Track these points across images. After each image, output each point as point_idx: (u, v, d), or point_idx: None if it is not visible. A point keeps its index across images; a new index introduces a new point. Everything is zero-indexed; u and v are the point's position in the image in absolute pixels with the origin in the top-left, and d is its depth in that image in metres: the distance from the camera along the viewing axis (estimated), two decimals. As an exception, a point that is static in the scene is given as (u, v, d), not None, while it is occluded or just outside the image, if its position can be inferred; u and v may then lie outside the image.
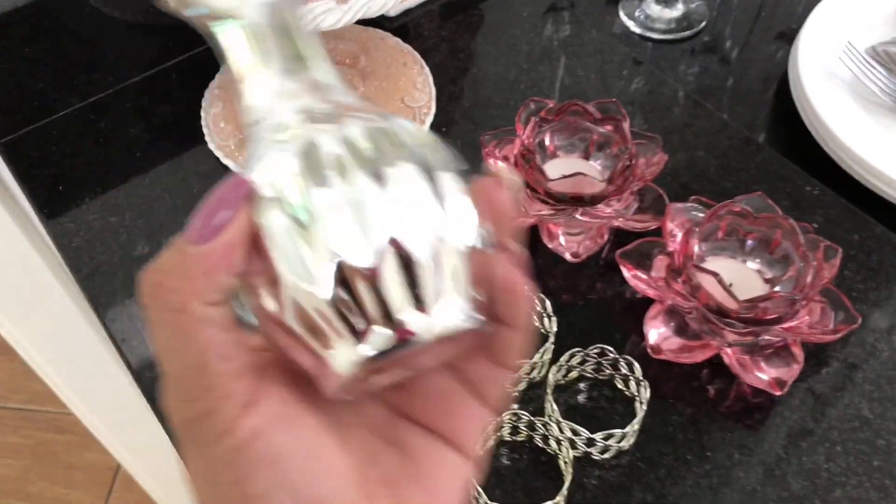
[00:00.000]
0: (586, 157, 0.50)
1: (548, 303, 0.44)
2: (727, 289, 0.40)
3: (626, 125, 0.48)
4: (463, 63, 0.60)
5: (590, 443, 0.40)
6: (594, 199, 0.46)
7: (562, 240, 0.48)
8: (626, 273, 0.44)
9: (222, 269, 0.19)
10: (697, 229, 0.43)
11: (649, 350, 0.43)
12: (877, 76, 0.55)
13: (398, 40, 0.59)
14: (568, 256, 0.47)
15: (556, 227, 0.48)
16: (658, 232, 0.46)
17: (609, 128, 0.49)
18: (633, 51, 0.62)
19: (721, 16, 0.65)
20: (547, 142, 0.50)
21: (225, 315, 0.19)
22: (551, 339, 0.43)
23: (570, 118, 0.50)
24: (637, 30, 0.64)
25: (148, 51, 0.61)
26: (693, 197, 0.47)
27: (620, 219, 0.47)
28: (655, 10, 0.64)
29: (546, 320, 0.44)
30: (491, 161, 0.48)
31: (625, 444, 0.41)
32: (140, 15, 0.44)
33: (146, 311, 0.19)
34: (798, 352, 0.42)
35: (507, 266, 0.21)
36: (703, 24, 0.64)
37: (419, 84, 0.56)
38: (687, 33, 0.64)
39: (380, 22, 0.63)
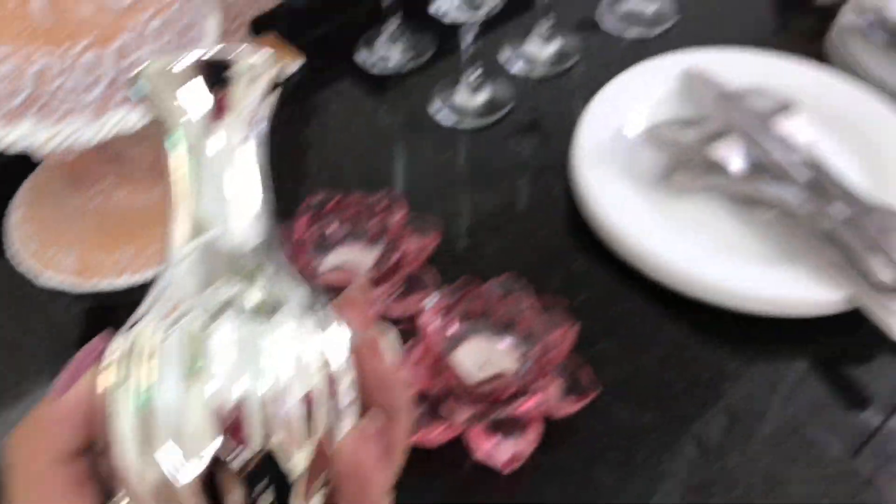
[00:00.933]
0: (370, 245, 0.54)
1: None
2: (456, 372, 0.43)
3: (395, 215, 0.51)
4: (272, 159, 0.63)
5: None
6: (362, 288, 0.49)
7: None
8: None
9: (67, 425, 0.20)
10: (441, 314, 0.46)
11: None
12: (643, 156, 0.59)
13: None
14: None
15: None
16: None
17: (379, 218, 0.52)
18: (442, 137, 0.66)
19: (525, 98, 0.70)
20: (329, 233, 0.53)
21: (74, 470, 0.20)
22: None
23: (348, 210, 0.53)
24: (449, 120, 0.68)
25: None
26: (461, 278, 0.50)
27: (387, 306, 0.50)
28: (464, 97, 0.69)
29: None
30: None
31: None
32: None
33: (8, 466, 0.21)
34: (536, 427, 0.45)
35: (381, 365, 0.23)
36: (509, 107, 0.69)
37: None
38: (494, 117, 0.68)
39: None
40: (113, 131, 0.45)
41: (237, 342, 0.21)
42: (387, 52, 0.74)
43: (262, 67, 0.27)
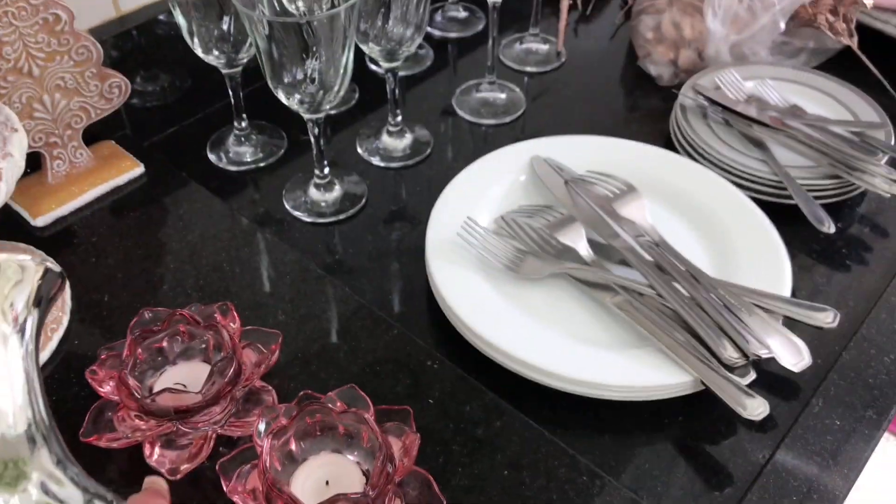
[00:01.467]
0: (208, 361, 0.51)
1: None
2: (295, 499, 0.40)
3: (228, 331, 0.49)
4: (114, 268, 0.60)
5: None
6: (195, 410, 0.46)
7: (155, 455, 0.47)
8: (224, 487, 0.44)
9: None
10: (278, 433, 0.44)
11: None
12: (492, 243, 0.59)
13: (37, 254, 0.59)
14: (166, 475, 0.46)
15: (155, 444, 0.47)
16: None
17: (213, 333, 0.49)
18: (294, 236, 0.64)
19: (382, 191, 0.69)
20: (165, 348, 0.50)
21: None
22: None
23: (180, 326, 0.50)
24: (305, 217, 0.66)
25: None
26: (301, 393, 0.48)
27: (221, 428, 0.47)
28: (316, 194, 0.67)
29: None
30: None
31: None
32: None
33: None
34: (383, 548, 0.42)
35: None
36: (363, 202, 0.68)
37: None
38: (349, 212, 0.67)
39: (29, 232, 0.63)
40: None
41: None
42: (238, 150, 0.72)
43: (25, 273, 0.26)
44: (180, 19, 0.62)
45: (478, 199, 0.63)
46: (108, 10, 0.68)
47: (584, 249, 0.59)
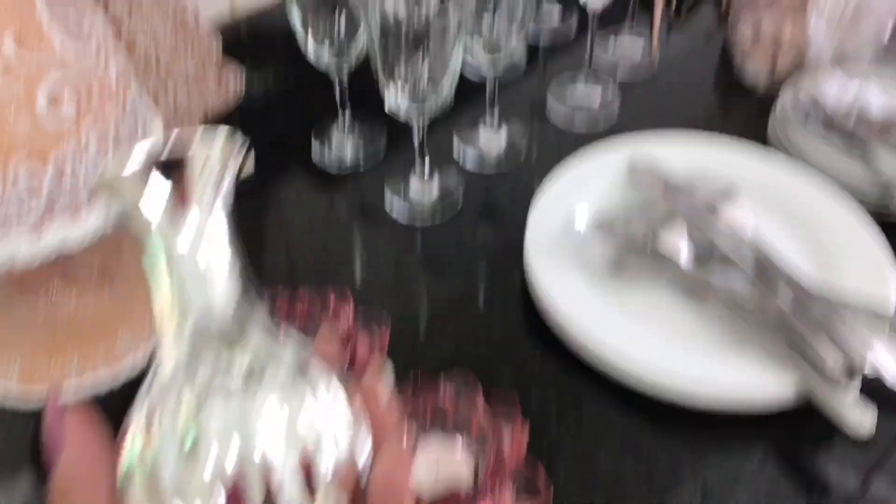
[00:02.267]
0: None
1: None
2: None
3: (348, 309, 0.51)
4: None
5: None
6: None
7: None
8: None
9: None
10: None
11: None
12: (593, 248, 0.60)
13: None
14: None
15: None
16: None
17: (332, 314, 0.52)
18: (393, 232, 0.66)
19: (477, 192, 0.71)
20: (281, 334, 0.53)
21: None
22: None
23: (300, 307, 0.53)
24: (402, 217, 0.68)
25: None
26: (411, 374, 0.50)
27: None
28: (417, 192, 0.69)
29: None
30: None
31: None
32: None
33: None
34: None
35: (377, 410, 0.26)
36: (462, 200, 0.69)
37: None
38: (446, 213, 0.69)
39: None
40: (55, 249, 0.44)
41: (226, 419, 0.23)
42: (341, 149, 0.75)
43: (215, 147, 0.27)
44: (295, 15, 0.64)
45: (575, 201, 0.64)
46: (224, 6, 0.71)
47: (685, 251, 0.59)
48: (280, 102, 0.78)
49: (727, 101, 0.82)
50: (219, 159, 0.27)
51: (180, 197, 0.27)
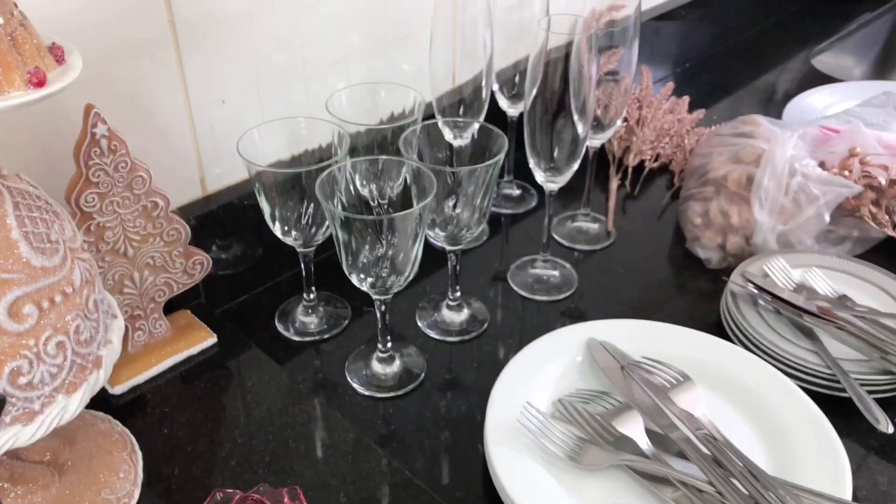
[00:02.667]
0: (274, 543, 0.52)
1: None
2: None
3: (298, 515, 0.50)
4: (183, 438, 0.62)
5: None
6: None
7: None
8: None
9: None
10: None
11: None
12: (553, 431, 0.60)
13: (113, 424, 0.62)
14: None
15: None
16: None
17: (282, 520, 0.51)
18: (357, 412, 0.66)
19: (439, 366, 0.71)
20: (231, 532, 0.51)
21: None
22: None
23: (251, 510, 0.51)
24: (365, 391, 0.69)
25: None
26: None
27: None
28: (378, 367, 0.70)
29: None
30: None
31: None
32: None
33: None
34: None
35: None
36: (422, 377, 0.70)
37: (123, 471, 0.57)
38: (408, 388, 0.69)
39: (106, 399, 0.66)
40: (4, 448, 0.44)
41: None
42: (305, 319, 0.76)
43: None
44: (264, 204, 0.67)
45: (535, 380, 0.65)
46: (196, 190, 0.74)
47: (642, 440, 0.60)
48: (246, 274, 0.80)
49: (681, 276, 0.85)
50: None
51: None
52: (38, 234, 0.44)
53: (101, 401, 0.65)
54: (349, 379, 0.70)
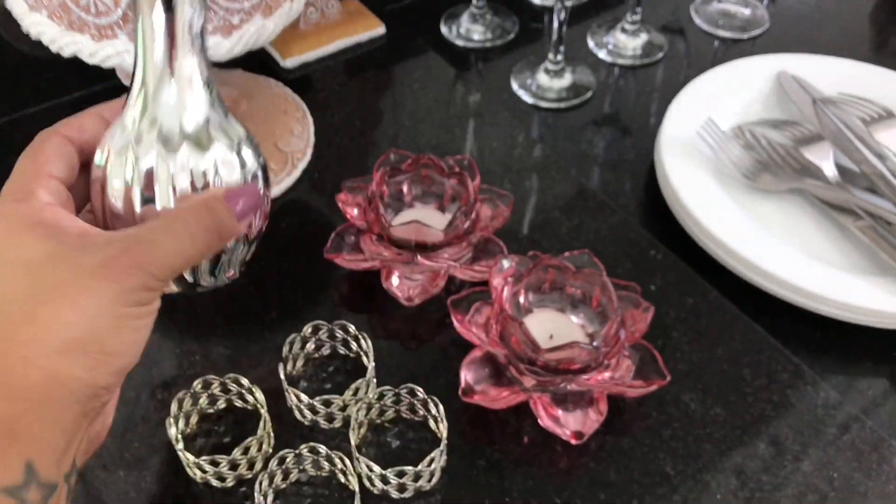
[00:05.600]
0: (441, 208, 0.52)
1: (366, 342, 0.45)
2: (530, 337, 0.41)
3: (470, 181, 0.50)
4: (352, 116, 0.63)
5: (384, 480, 0.40)
6: (433, 247, 0.48)
7: (395, 281, 0.49)
8: (455, 320, 0.46)
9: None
10: (512, 281, 0.45)
11: (461, 392, 0.44)
12: (731, 150, 0.57)
13: (286, 90, 0.62)
14: (402, 300, 0.49)
15: (394, 271, 0.50)
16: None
17: (455, 181, 0.51)
18: (519, 116, 0.65)
19: (608, 86, 0.68)
20: (404, 191, 0.52)
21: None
22: (369, 375, 0.44)
23: (423, 171, 0.52)
24: (528, 100, 0.67)
25: (44, 83, 0.64)
26: (530, 252, 0.49)
27: (457, 267, 0.49)
28: (545, 80, 0.67)
29: (364, 357, 0.45)
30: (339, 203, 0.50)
31: (424, 485, 0.41)
32: (36, 47, 0.47)
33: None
34: (603, 405, 0.43)
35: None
36: (590, 94, 0.67)
37: (297, 131, 0.58)
38: (574, 102, 0.67)
39: (277, 72, 0.66)
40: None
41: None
42: (470, 27, 0.73)
43: None
44: None
45: (717, 105, 0.61)
46: None
47: (829, 170, 0.56)
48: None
49: (885, 29, 0.76)
50: None
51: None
52: None
53: (272, 73, 0.66)
54: (514, 86, 0.67)
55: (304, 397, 0.42)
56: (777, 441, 0.43)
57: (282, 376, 0.43)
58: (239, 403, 0.45)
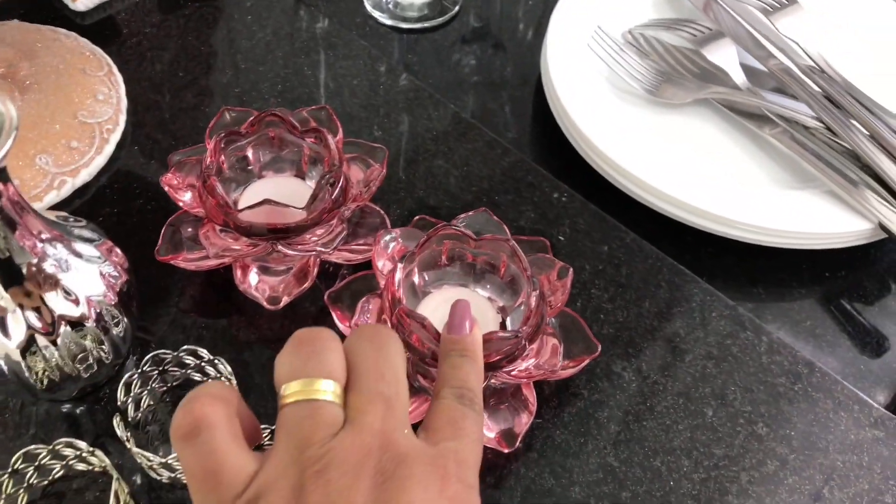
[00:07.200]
0: (300, 175, 0.42)
1: (224, 365, 0.36)
2: (436, 334, 0.33)
3: (332, 138, 0.40)
4: (173, 66, 0.50)
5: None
6: (295, 230, 0.38)
7: (253, 280, 0.39)
8: (338, 321, 0.37)
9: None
10: (402, 262, 0.36)
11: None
12: (627, 61, 0.49)
13: (81, 41, 0.49)
14: (265, 304, 0.39)
15: (250, 267, 0.40)
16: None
17: (312, 140, 0.41)
18: (377, 43, 0.54)
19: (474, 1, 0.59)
20: (250, 158, 0.42)
21: None
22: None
23: (270, 131, 0.41)
24: (387, 21, 0.56)
25: None
26: (417, 217, 0.40)
27: (330, 252, 0.39)
28: (403, -5, 0.57)
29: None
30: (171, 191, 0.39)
31: None
32: None
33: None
34: (531, 398, 0.36)
35: None
36: (457, 9, 0.57)
37: (102, 94, 0.46)
38: (439, 20, 0.57)
39: (69, 17, 0.52)
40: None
41: None
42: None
43: None
44: None
45: (605, 9, 0.53)
46: None
47: (735, 72, 0.49)
48: None
49: None
50: None
51: None
52: None
53: (62, 18, 0.52)
54: (367, 6, 0.57)
55: (154, 458, 0.32)
56: (725, 402, 0.38)
57: (119, 433, 0.33)
58: (81, 466, 0.35)
